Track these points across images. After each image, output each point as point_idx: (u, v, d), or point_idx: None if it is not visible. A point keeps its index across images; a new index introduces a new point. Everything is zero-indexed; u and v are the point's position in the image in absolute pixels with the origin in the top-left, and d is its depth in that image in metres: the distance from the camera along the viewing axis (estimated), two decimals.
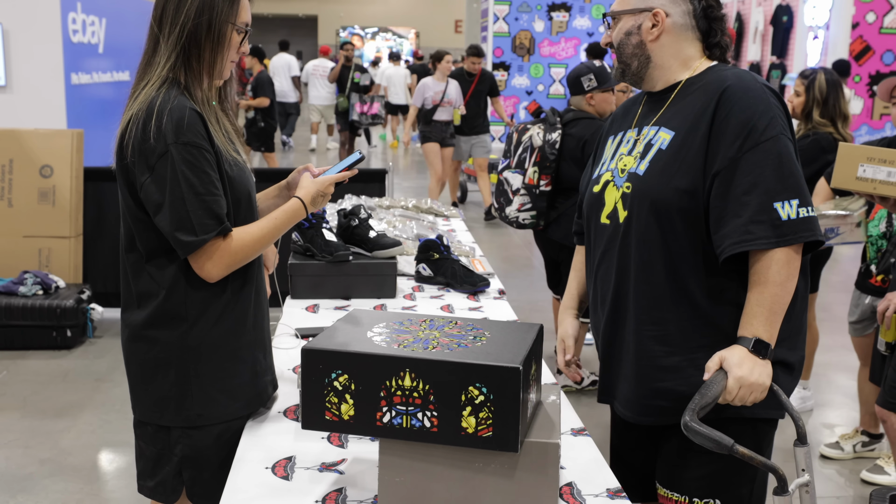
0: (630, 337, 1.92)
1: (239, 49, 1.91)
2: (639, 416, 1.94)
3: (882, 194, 2.64)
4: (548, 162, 4.12)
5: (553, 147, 4.11)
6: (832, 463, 3.81)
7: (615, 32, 1.96)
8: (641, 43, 1.92)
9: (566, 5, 14.40)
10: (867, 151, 2.66)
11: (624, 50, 1.95)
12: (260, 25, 32.52)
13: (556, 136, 4.13)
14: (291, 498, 1.66)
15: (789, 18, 12.55)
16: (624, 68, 1.97)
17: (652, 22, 1.90)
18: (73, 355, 4.92)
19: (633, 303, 1.90)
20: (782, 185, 1.74)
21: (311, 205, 1.97)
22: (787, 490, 1.61)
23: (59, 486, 3.42)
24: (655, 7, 1.90)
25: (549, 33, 14.50)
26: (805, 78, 3.99)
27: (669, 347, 1.86)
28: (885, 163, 2.60)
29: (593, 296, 2.05)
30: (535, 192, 4.15)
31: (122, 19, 7.33)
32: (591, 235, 2.05)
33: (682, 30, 1.92)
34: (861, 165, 2.63)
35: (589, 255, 2.08)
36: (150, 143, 1.75)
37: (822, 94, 3.90)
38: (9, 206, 5.37)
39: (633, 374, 1.92)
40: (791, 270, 1.75)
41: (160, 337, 1.86)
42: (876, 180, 2.62)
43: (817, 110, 3.90)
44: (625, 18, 1.94)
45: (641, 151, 1.92)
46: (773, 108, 1.79)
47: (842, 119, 3.91)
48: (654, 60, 1.93)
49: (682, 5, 1.91)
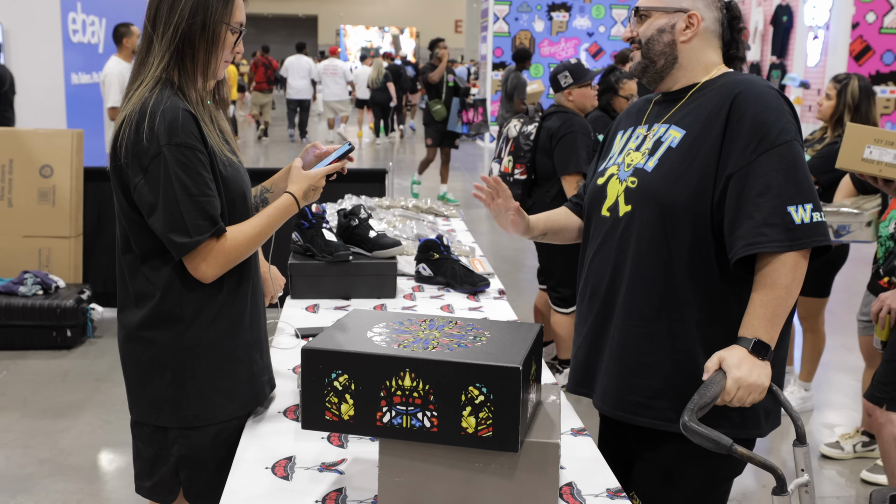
0: (616, 332, 1.93)
1: (233, 49, 1.90)
2: (615, 409, 1.95)
3: (887, 176, 2.63)
4: (522, 152, 4.36)
5: (528, 138, 4.35)
6: (832, 463, 3.81)
7: (644, 28, 1.94)
8: (673, 42, 1.92)
9: (566, 5, 14.41)
10: (875, 133, 2.65)
11: (653, 47, 1.93)
12: (260, 25, 32.62)
13: (531, 129, 4.35)
14: (291, 498, 1.66)
15: (789, 18, 12.56)
16: (647, 65, 1.95)
17: (686, 23, 1.91)
18: (73, 355, 4.92)
19: (623, 297, 1.91)
20: (796, 189, 1.75)
21: (302, 199, 1.96)
22: (786, 490, 1.61)
23: (59, 486, 3.42)
24: (691, 9, 1.91)
25: (549, 33, 14.50)
26: (838, 82, 3.99)
27: (654, 345, 1.87)
28: (892, 145, 2.59)
29: (583, 286, 2.06)
30: (510, 181, 4.38)
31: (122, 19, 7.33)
32: (589, 226, 2.06)
33: (711, 36, 1.94)
34: (868, 147, 2.62)
35: (585, 246, 2.09)
36: (143, 145, 1.75)
37: (854, 99, 3.91)
38: (9, 206, 5.37)
39: (616, 369, 1.92)
40: (798, 275, 1.75)
41: (156, 338, 1.86)
42: (882, 162, 2.61)
43: (848, 115, 3.91)
44: (657, 15, 1.93)
45: (650, 148, 1.92)
46: (785, 114, 1.81)
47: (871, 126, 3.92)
48: (680, 61, 1.93)
49: (714, 12, 1.93)
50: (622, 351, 1.91)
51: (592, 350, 2.00)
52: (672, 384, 1.85)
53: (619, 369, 1.92)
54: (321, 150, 2.08)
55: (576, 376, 2.06)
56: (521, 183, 4.37)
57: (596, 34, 14.29)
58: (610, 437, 2.14)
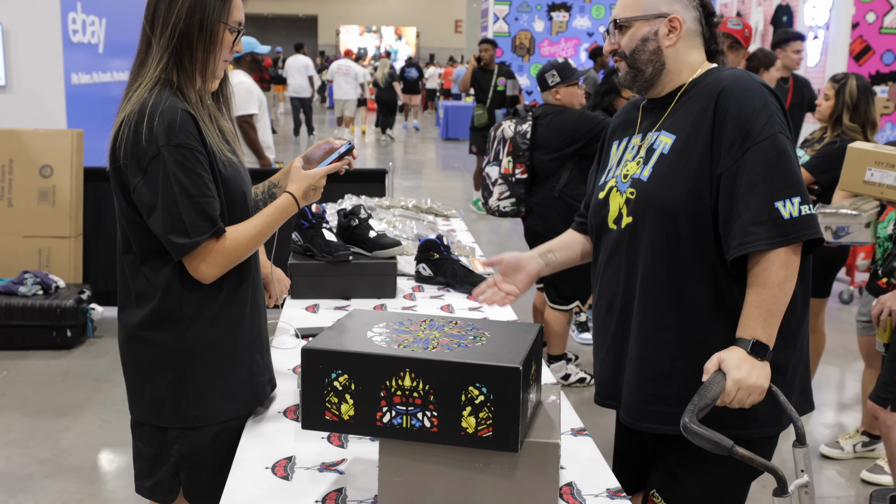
0: (634, 342, 1.92)
1: (232, 48, 1.90)
2: (640, 422, 1.93)
3: (889, 199, 2.63)
4: (520, 151, 4.38)
5: (524, 137, 4.37)
6: (832, 463, 3.81)
7: (627, 39, 1.92)
8: (658, 49, 1.91)
9: (566, 5, 14.40)
10: (876, 155, 2.65)
11: (639, 56, 1.91)
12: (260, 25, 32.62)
13: (526, 127, 4.37)
14: (291, 498, 1.66)
15: (789, 18, 12.55)
16: (636, 74, 1.93)
17: (668, 28, 1.90)
18: (73, 355, 4.92)
19: (637, 308, 1.90)
20: (783, 183, 1.74)
21: (302, 199, 1.96)
22: (787, 492, 1.61)
23: (59, 486, 3.42)
24: (671, 13, 1.90)
25: (549, 33, 14.49)
26: (836, 82, 3.99)
27: (672, 353, 1.86)
28: (892, 167, 2.60)
29: (598, 299, 2.05)
30: (512, 181, 4.41)
31: (122, 19, 7.33)
32: (597, 241, 2.05)
33: (694, 36, 1.93)
34: (869, 169, 2.63)
35: (595, 260, 2.08)
36: (142, 146, 1.75)
37: (853, 99, 3.91)
38: (9, 206, 5.37)
39: (636, 380, 1.91)
40: (789, 272, 1.74)
41: (156, 338, 1.86)
42: (883, 185, 2.62)
43: (847, 115, 3.91)
44: (638, 25, 1.91)
45: (644, 157, 1.91)
46: (770, 107, 1.79)
47: (871, 126, 3.92)
48: (667, 66, 1.92)
49: (692, 11, 1.92)
50: (641, 363, 1.90)
51: (616, 363, 1.99)
52: (693, 389, 1.81)
53: (640, 381, 1.91)
54: (333, 145, 2.07)
55: (602, 389, 2.05)
56: (522, 182, 4.39)
57: (596, 34, 14.27)
58: (626, 434, 2.13)
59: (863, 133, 3.90)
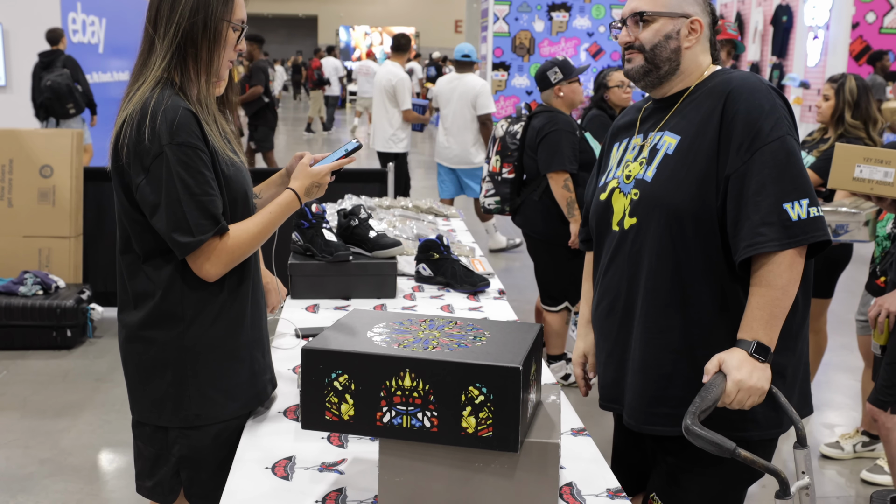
0: (637, 344, 1.91)
1: (236, 47, 1.90)
2: (643, 425, 1.93)
3: (879, 194, 2.63)
4: (508, 151, 4.44)
5: (514, 137, 4.43)
6: (832, 463, 3.81)
7: (650, 34, 1.90)
8: (678, 49, 1.91)
9: (566, 5, 14.39)
10: (864, 152, 2.65)
11: (660, 53, 1.90)
12: (260, 25, 32.61)
13: (517, 128, 4.43)
14: (291, 498, 1.66)
15: (789, 18, 12.55)
16: (650, 69, 1.92)
17: (689, 29, 1.90)
18: (73, 355, 4.92)
19: (640, 310, 1.90)
20: (792, 185, 1.74)
21: (304, 195, 1.95)
22: (789, 493, 1.60)
23: (59, 486, 3.42)
24: (694, 15, 1.90)
25: (549, 33, 14.49)
26: (834, 82, 3.99)
27: (675, 355, 1.86)
28: (881, 163, 2.60)
29: (598, 301, 2.04)
30: (498, 179, 4.49)
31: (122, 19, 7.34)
32: (599, 243, 2.05)
33: (705, 40, 1.94)
34: (858, 166, 2.63)
35: (597, 262, 2.08)
36: (145, 145, 1.75)
37: (853, 96, 3.92)
38: (9, 206, 5.37)
39: (639, 382, 1.91)
40: (794, 274, 1.74)
41: (157, 337, 1.86)
42: (873, 181, 2.62)
43: (849, 112, 3.92)
44: (663, 21, 1.90)
45: (647, 157, 1.91)
46: (778, 109, 1.79)
47: (872, 122, 3.92)
48: (682, 67, 1.92)
49: (706, 17, 1.94)
50: (644, 365, 1.90)
51: (619, 366, 1.99)
52: (695, 391, 1.81)
53: (644, 383, 1.91)
54: (317, 158, 2.05)
55: (605, 393, 2.05)
56: (509, 182, 4.45)
57: (596, 34, 14.26)
58: (625, 435, 2.13)
59: (865, 130, 3.90)
